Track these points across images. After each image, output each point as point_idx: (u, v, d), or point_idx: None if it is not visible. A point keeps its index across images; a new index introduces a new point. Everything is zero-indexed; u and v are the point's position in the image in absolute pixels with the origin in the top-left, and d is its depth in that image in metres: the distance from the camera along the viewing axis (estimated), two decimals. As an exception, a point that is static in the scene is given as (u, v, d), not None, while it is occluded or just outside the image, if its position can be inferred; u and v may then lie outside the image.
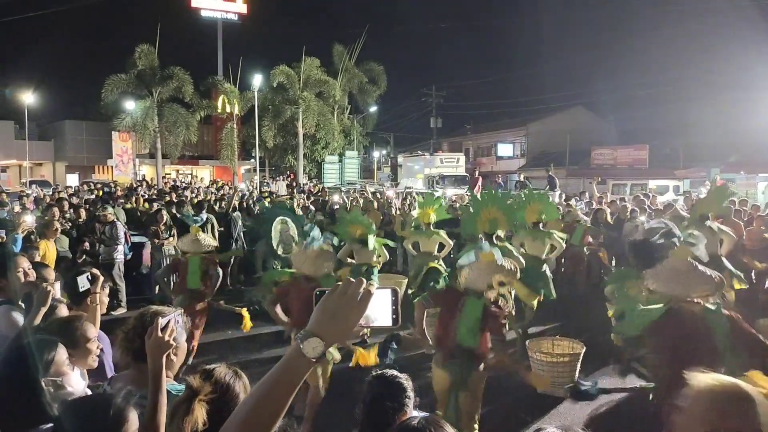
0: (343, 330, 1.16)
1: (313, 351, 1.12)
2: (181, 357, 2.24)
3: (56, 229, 7.14)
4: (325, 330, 1.14)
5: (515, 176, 27.15)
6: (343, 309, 1.15)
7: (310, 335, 1.13)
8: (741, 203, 11.42)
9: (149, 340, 1.95)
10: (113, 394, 1.79)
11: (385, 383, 2.28)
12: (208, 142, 37.38)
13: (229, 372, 1.95)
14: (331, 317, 1.15)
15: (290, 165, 33.78)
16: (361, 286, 1.17)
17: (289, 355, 1.15)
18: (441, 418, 3.75)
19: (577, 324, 7.52)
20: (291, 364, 1.14)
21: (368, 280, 1.20)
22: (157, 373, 1.93)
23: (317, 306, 1.18)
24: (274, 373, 1.14)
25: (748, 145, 25.00)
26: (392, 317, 1.24)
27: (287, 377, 1.14)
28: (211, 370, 1.93)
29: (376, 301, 1.21)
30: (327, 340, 1.13)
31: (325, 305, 1.17)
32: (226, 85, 30.60)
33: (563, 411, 5.26)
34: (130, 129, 29.27)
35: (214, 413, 1.77)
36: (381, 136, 46.63)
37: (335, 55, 33.06)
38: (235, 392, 1.89)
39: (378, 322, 1.23)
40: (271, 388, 1.14)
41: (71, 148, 37.46)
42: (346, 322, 1.16)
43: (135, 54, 27.89)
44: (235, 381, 1.92)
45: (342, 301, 1.16)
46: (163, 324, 1.97)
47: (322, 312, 1.17)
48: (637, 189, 22.33)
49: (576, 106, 39.62)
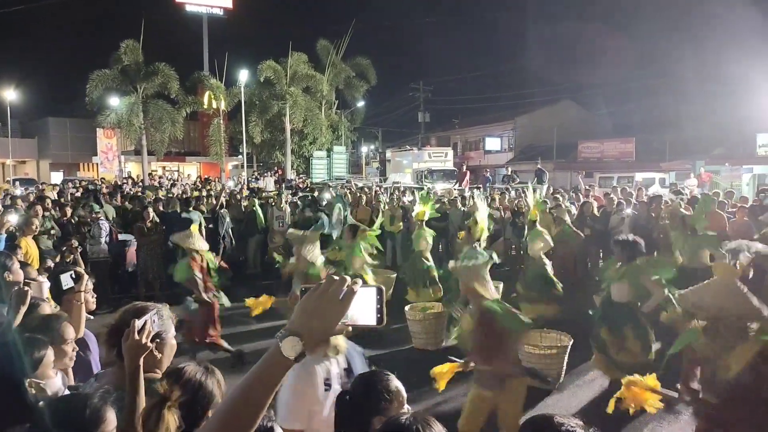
0: (324, 329, 1.13)
1: (292, 350, 1.10)
2: (170, 353, 2.21)
3: (35, 227, 7.06)
4: (305, 329, 1.11)
5: (503, 170, 27.22)
6: (323, 307, 1.13)
7: (289, 334, 1.11)
8: (727, 195, 11.55)
9: (125, 342, 1.92)
10: (90, 394, 1.76)
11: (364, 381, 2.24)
12: (194, 139, 37.10)
13: (200, 369, 1.93)
14: (311, 316, 1.13)
15: (278, 161, 33.61)
16: (344, 284, 1.14)
17: (268, 354, 1.12)
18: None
19: (564, 316, 7.57)
20: (269, 363, 1.12)
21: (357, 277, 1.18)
22: (133, 374, 1.90)
23: (298, 304, 1.16)
24: (253, 372, 1.12)
25: (733, 138, 25.27)
26: (377, 316, 1.21)
27: (266, 377, 1.12)
28: (180, 370, 1.91)
29: (361, 299, 1.18)
30: (306, 339, 1.11)
31: (306, 303, 1.14)
32: (212, 80, 30.34)
33: (551, 403, 5.30)
34: (114, 126, 28.96)
35: (189, 413, 1.76)
36: (369, 131, 46.60)
37: (322, 49, 32.88)
38: (208, 389, 1.87)
39: (362, 321, 1.20)
40: (250, 387, 1.12)
41: (55, 146, 37.02)
42: (326, 321, 1.13)
43: (119, 50, 27.57)
44: (207, 378, 1.90)
45: (323, 300, 1.13)
46: (139, 325, 1.94)
47: (303, 310, 1.14)
48: (624, 182, 22.52)
49: (563, 100, 39.79)
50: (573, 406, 5.25)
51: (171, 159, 35.81)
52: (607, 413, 3.73)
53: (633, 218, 9.75)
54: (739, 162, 23.64)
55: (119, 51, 27.60)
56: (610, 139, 32.59)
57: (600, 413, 4.97)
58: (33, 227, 6.98)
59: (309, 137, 32.65)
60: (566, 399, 5.37)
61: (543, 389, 5.43)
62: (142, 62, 28.02)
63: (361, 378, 2.21)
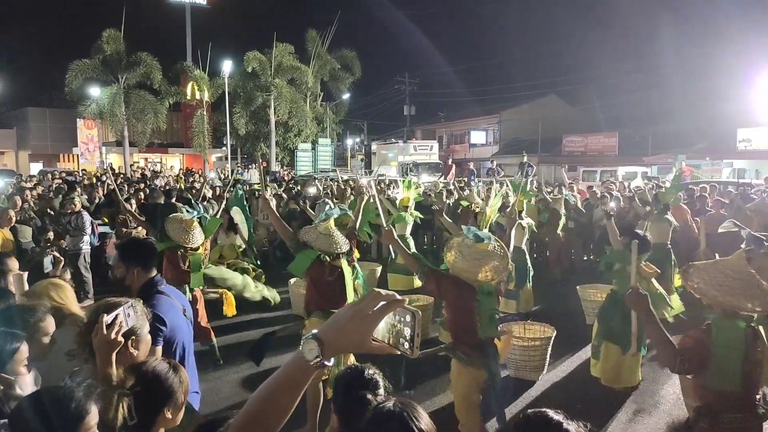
0: (347, 340, 1.11)
1: (309, 353, 1.10)
2: (145, 349, 2.17)
3: (11, 218, 6.95)
4: (328, 336, 1.11)
5: (488, 163, 27.36)
6: (350, 319, 1.11)
7: (312, 338, 1.11)
8: (702, 190, 11.70)
9: (95, 338, 1.88)
10: (74, 387, 1.73)
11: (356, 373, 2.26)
12: (177, 130, 36.66)
13: (162, 365, 1.90)
14: (336, 325, 1.12)
15: (263, 153, 33.38)
16: (378, 300, 1.11)
17: (292, 356, 1.15)
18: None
19: (548, 308, 7.64)
20: (291, 365, 1.13)
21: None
22: (104, 370, 1.87)
23: (336, 312, 1.16)
24: (276, 374, 1.15)
25: (714, 133, 25.66)
26: (409, 344, 1.09)
27: (288, 379, 1.14)
28: (141, 363, 1.89)
29: (396, 321, 1.11)
30: (327, 346, 1.10)
31: (339, 313, 1.14)
32: (195, 71, 29.98)
33: (534, 394, 5.34)
34: (95, 116, 28.52)
35: (144, 406, 1.75)
36: (355, 124, 46.48)
37: (311, 40, 32.64)
38: (166, 385, 1.85)
39: (394, 343, 1.11)
40: (275, 388, 1.14)
41: (35, 136, 36.34)
42: (349, 333, 1.11)
43: (101, 39, 27.10)
44: (169, 373, 1.88)
45: (352, 310, 1.12)
46: (108, 321, 1.89)
47: (333, 318, 1.15)
48: (607, 175, 22.77)
49: (548, 95, 40.02)
50: (556, 397, 5.29)
51: (153, 150, 35.37)
52: (590, 404, 3.76)
53: (617, 211, 9.87)
54: (720, 156, 24.03)
55: (100, 40, 27.14)
56: (593, 134, 32.91)
57: (583, 404, 5.04)
58: (8, 218, 6.87)
59: (294, 129, 32.45)
60: (550, 390, 5.41)
61: (527, 381, 5.48)
62: (123, 52, 27.58)
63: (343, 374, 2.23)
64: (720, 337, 2.69)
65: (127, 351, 2.00)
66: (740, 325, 2.72)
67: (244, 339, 6.72)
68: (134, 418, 1.72)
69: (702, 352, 2.68)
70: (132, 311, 2.02)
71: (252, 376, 5.51)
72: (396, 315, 1.12)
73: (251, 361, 4.42)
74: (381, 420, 1.53)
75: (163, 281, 2.99)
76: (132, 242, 3.36)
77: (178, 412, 1.89)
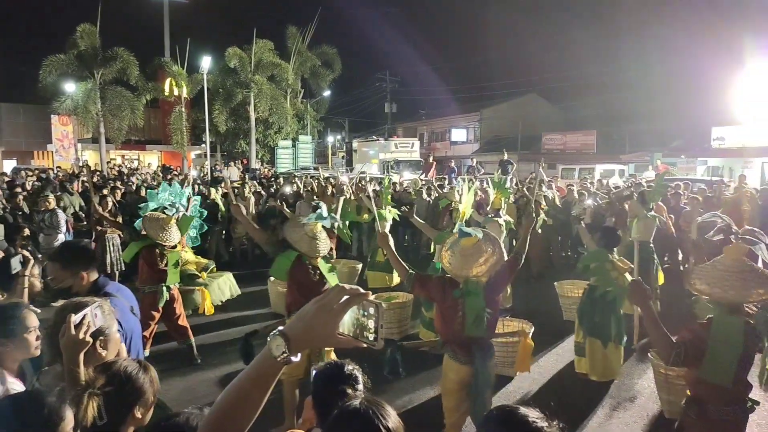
0: (311, 336, 1.12)
1: (276, 349, 1.10)
2: (114, 349, 2.13)
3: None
4: (294, 332, 1.11)
5: (468, 161, 27.51)
6: (315, 315, 1.11)
7: (278, 334, 1.11)
8: (677, 187, 11.91)
9: (61, 338, 1.85)
10: (46, 392, 1.69)
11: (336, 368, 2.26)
12: (155, 127, 36.07)
13: (132, 364, 1.88)
14: (302, 320, 1.13)
15: (242, 150, 33.07)
16: (342, 295, 1.12)
17: (260, 353, 1.14)
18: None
19: (526, 305, 7.71)
20: (260, 362, 1.13)
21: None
22: (72, 372, 1.83)
23: (301, 308, 1.16)
24: (246, 371, 1.15)
25: (689, 132, 26.16)
26: (373, 335, 1.14)
27: (257, 376, 1.13)
28: (111, 363, 1.87)
29: (361, 314, 1.13)
30: (293, 342, 1.10)
31: (304, 309, 1.14)
32: (173, 67, 29.51)
33: (512, 389, 5.39)
34: (70, 112, 27.89)
35: (114, 405, 1.74)
36: (336, 121, 46.32)
37: (291, 36, 32.37)
38: (137, 384, 1.83)
39: (360, 336, 1.14)
40: (245, 385, 1.13)
41: (8, 133, 35.45)
42: (315, 328, 1.11)
43: (75, 33, 26.55)
44: (139, 373, 1.86)
45: (316, 306, 1.12)
46: (76, 320, 1.86)
47: (298, 314, 1.15)
48: (585, 173, 23.06)
49: (528, 93, 40.32)
50: (534, 392, 5.35)
51: (131, 147, 34.77)
52: (568, 399, 3.80)
53: (594, 208, 9.98)
54: (695, 154, 24.48)
55: (75, 35, 26.58)
56: (572, 132, 33.29)
57: (560, 400, 5.10)
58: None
59: (274, 126, 32.20)
60: (527, 386, 5.46)
61: (505, 376, 5.52)
62: (99, 47, 27.04)
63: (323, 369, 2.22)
64: (719, 332, 2.76)
65: (95, 351, 1.96)
66: (740, 321, 2.79)
67: (223, 338, 6.67)
68: (104, 418, 1.70)
69: (699, 346, 2.75)
70: (99, 311, 1.99)
71: (230, 374, 5.47)
72: (360, 308, 1.14)
73: (242, 360, 4.39)
74: (346, 418, 1.51)
75: (108, 282, 2.92)
76: (67, 247, 3.26)
77: (147, 411, 1.88)
